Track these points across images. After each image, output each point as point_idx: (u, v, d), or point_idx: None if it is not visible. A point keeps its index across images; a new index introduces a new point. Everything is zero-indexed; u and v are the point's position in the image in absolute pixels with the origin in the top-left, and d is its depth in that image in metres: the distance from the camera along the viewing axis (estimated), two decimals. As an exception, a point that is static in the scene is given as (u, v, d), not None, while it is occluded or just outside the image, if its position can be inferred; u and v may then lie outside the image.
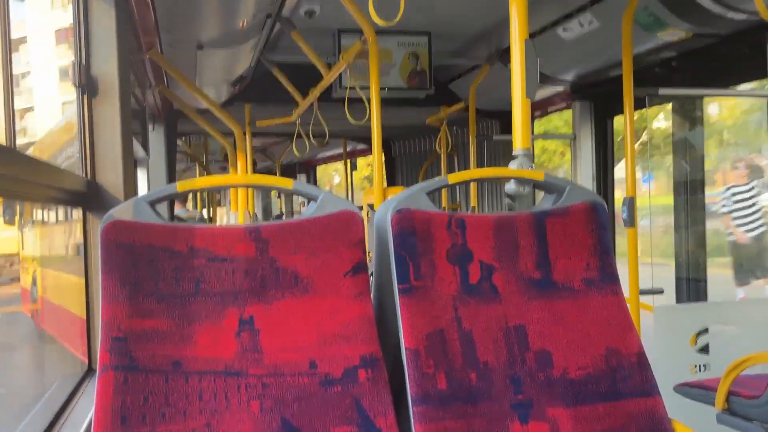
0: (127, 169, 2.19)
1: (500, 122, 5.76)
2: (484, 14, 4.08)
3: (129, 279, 1.36)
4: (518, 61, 1.66)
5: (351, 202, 1.54)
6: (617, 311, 1.54)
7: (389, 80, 4.46)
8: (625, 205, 3.10)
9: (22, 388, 1.91)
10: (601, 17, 3.46)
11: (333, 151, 8.95)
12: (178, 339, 1.35)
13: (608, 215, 1.63)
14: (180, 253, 1.40)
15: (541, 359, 1.47)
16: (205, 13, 3.23)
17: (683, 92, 3.75)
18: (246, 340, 1.38)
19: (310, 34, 4.01)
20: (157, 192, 1.47)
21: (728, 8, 2.89)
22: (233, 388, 1.34)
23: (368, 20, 2.86)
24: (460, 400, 1.39)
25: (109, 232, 1.37)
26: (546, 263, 1.55)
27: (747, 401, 2.22)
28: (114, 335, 1.32)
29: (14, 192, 1.66)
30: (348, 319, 1.42)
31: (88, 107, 2.13)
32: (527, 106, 1.67)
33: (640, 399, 1.47)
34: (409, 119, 6.26)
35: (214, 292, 1.40)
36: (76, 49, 2.14)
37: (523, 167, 1.65)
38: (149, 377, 1.31)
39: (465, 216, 1.53)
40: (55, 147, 3.06)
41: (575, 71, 4.23)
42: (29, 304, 3.84)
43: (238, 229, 1.45)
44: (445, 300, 1.47)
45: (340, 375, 1.38)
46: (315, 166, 11.14)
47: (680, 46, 3.43)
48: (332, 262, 1.45)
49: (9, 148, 1.41)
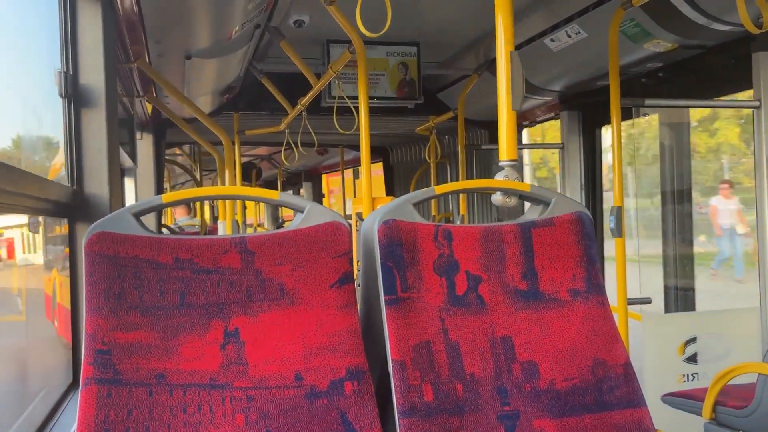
0: (113, 179, 2.18)
1: (489, 132, 5.78)
2: (472, 25, 4.10)
3: (113, 291, 1.35)
4: (504, 72, 1.66)
5: (343, 212, 1.54)
6: (603, 322, 1.54)
7: (379, 90, 4.47)
8: (613, 214, 3.11)
9: (18, 396, 1.91)
10: (588, 28, 3.49)
11: (337, 159, 8.91)
12: (163, 351, 1.34)
13: (593, 225, 1.63)
14: (165, 264, 1.39)
15: (527, 370, 1.47)
16: (193, 23, 3.23)
17: (670, 103, 3.78)
18: (231, 352, 1.37)
19: (299, 44, 4.01)
20: (142, 204, 1.46)
21: (713, 20, 2.92)
22: (218, 401, 1.33)
23: (356, 30, 2.87)
24: (446, 412, 1.39)
25: (93, 243, 1.36)
26: (532, 274, 1.55)
27: (734, 411, 2.23)
28: (97, 348, 1.31)
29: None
30: (334, 330, 1.42)
31: (75, 117, 2.12)
32: (513, 117, 1.68)
33: (626, 410, 1.47)
34: (399, 129, 6.27)
35: (199, 303, 1.39)
36: (62, 58, 2.13)
37: (509, 178, 1.65)
38: (133, 390, 1.30)
39: (451, 227, 1.54)
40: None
41: (563, 82, 4.26)
42: (50, 311, 3.81)
43: (223, 240, 1.44)
44: (431, 311, 1.47)
45: (326, 387, 1.37)
46: (320, 174, 11.08)
47: (666, 57, 3.46)
48: (318, 273, 1.45)
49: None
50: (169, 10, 2.96)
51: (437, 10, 3.91)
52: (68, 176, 2.14)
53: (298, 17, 3.89)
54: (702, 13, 2.90)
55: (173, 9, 2.96)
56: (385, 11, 2.33)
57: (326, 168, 10.33)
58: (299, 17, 3.89)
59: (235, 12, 3.07)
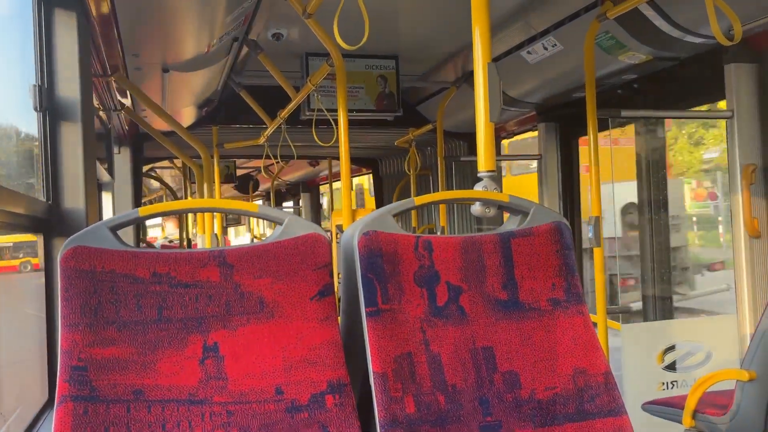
0: (90, 193, 2.15)
1: (468, 143, 5.82)
2: (449, 38, 4.13)
3: (89, 306, 1.33)
4: (481, 84, 1.68)
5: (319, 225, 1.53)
6: (583, 331, 1.55)
7: (358, 102, 4.48)
8: (591, 224, 3.14)
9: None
10: (564, 41, 3.53)
11: (336, 169, 8.87)
12: (140, 367, 1.32)
13: (572, 235, 1.64)
14: (142, 279, 1.37)
15: (509, 380, 1.47)
16: (171, 36, 3.22)
17: (645, 114, 3.84)
18: (210, 367, 1.36)
19: (278, 57, 4.02)
20: (119, 217, 1.44)
21: (686, 32, 2.97)
22: (197, 417, 1.31)
23: (335, 43, 2.87)
24: (428, 424, 1.38)
25: (68, 258, 1.34)
26: (512, 284, 1.55)
27: (713, 418, 2.25)
28: (73, 364, 1.28)
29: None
30: (314, 343, 1.41)
31: (51, 131, 2.10)
32: (491, 128, 1.69)
33: (607, 419, 1.48)
34: (379, 141, 6.28)
35: (177, 318, 1.37)
36: (37, 72, 2.11)
37: (488, 189, 1.66)
38: (110, 407, 1.28)
39: (432, 238, 1.54)
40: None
41: (540, 94, 4.30)
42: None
43: (202, 253, 1.43)
44: (412, 322, 1.46)
45: (307, 401, 1.36)
46: (318, 186, 11.00)
47: (641, 68, 3.51)
48: (298, 286, 1.44)
49: None
50: (146, 22, 2.95)
51: (415, 23, 3.94)
52: (43, 190, 2.11)
53: (276, 30, 3.89)
54: (675, 26, 2.95)
55: (150, 22, 2.95)
56: (362, 24, 2.34)
57: (323, 179, 10.27)
58: (277, 30, 3.89)
59: (213, 25, 3.07)
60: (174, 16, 2.91)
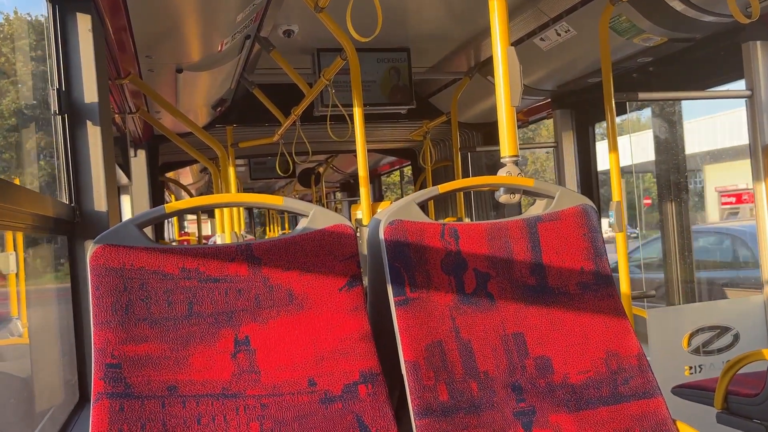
0: (110, 195, 2.16)
1: (482, 134, 5.79)
2: (460, 28, 4.11)
3: (120, 304, 1.33)
4: (501, 68, 1.66)
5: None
6: (614, 314, 1.53)
7: (371, 96, 4.47)
8: (613, 209, 3.11)
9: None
10: (577, 26, 3.50)
11: (389, 160, 8.80)
12: (173, 363, 1.33)
13: (599, 217, 1.63)
14: (171, 275, 1.38)
15: (541, 365, 1.46)
16: (183, 37, 3.22)
17: (663, 96, 3.79)
18: (242, 360, 1.36)
19: (289, 54, 4.01)
20: (145, 214, 1.44)
21: (703, 12, 2.93)
22: (232, 411, 1.31)
23: (348, 37, 2.86)
24: (462, 411, 1.37)
25: (98, 257, 1.35)
26: (540, 269, 1.54)
27: (746, 399, 2.22)
28: (107, 362, 1.29)
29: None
30: (345, 334, 1.40)
31: (70, 134, 2.11)
32: (512, 113, 1.67)
33: (642, 401, 1.46)
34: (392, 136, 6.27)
35: (208, 313, 1.37)
36: (51, 75, 2.12)
37: (511, 174, 1.65)
38: (145, 403, 1.28)
39: (458, 225, 1.53)
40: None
41: (554, 80, 4.26)
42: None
43: (229, 248, 1.43)
44: (441, 310, 1.45)
45: (340, 392, 1.36)
46: (379, 176, 10.85)
47: (657, 50, 3.47)
48: (326, 277, 1.43)
49: None
50: (158, 24, 2.95)
51: (425, 15, 3.92)
52: (65, 193, 2.12)
53: (287, 27, 3.89)
54: (691, 5, 2.91)
55: (163, 23, 2.95)
56: (373, 18, 2.33)
57: (384, 169, 10.17)
58: (288, 27, 3.89)
59: (225, 24, 3.06)
60: (186, 16, 2.92)
